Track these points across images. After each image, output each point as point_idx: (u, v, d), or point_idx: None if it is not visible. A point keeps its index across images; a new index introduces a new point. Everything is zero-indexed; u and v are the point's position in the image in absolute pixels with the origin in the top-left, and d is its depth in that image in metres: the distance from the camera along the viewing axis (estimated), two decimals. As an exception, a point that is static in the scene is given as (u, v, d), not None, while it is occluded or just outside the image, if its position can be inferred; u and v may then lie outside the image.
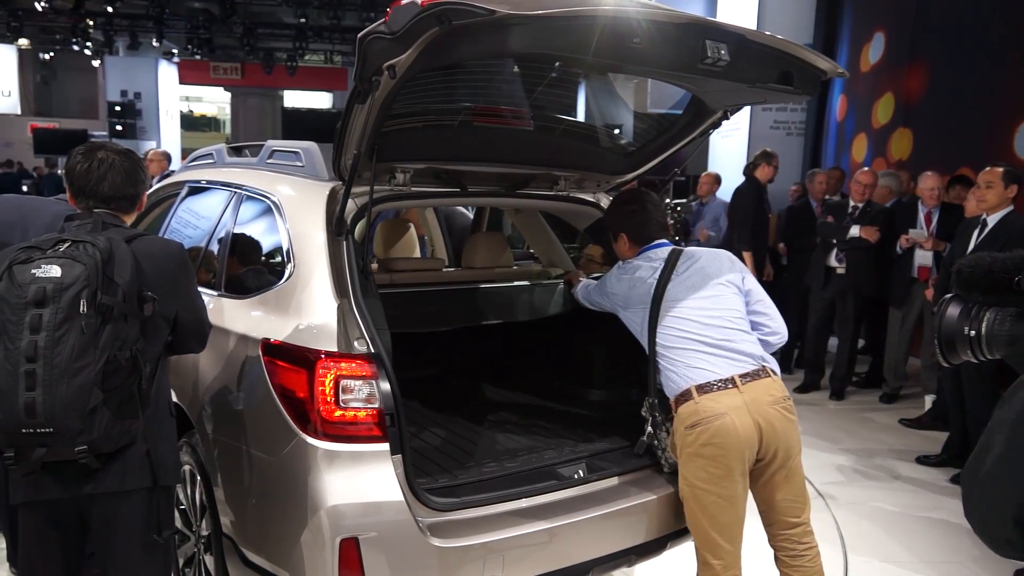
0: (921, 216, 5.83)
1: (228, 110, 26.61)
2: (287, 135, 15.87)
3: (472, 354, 4.03)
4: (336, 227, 2.51)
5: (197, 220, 3.47)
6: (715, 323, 2.55)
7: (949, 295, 1.31)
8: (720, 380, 2.46)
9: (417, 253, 4.38)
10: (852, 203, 6.13)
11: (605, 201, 3.36)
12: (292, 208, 2.70)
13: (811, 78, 2.51)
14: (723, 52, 2.22)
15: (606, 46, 2.07)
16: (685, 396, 2.49)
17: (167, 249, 2.20)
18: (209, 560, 2.74)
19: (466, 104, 2.81)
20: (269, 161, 3.07)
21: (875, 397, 6.35)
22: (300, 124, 20.81)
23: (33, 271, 1.92)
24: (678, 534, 2.69)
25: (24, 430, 1.89)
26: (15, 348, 1.88)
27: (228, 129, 26.67)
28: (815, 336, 6.39)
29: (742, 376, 2.47)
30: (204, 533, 2.77)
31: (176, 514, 2.95)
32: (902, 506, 4.32)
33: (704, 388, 2.46)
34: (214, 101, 28.32)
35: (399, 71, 2.08)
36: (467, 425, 3.23)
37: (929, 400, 5.79)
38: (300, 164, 2.86)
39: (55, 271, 1.92)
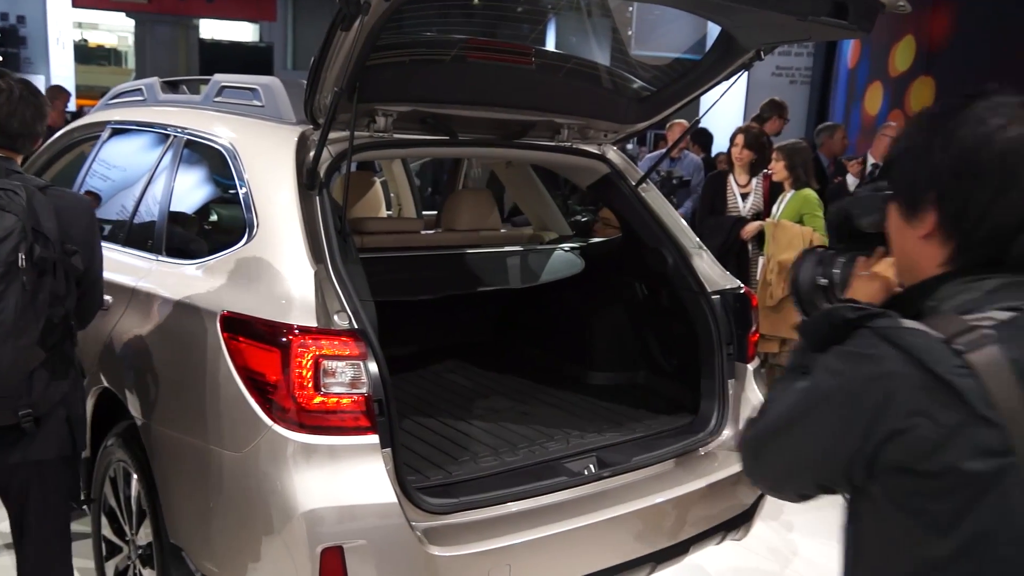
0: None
1: (131, 40, 25.75)
2: (204, 71, 15.45)
3: (455, 329, 4.00)
4: (308, 179, 2.45)
5: (124, 169, 3.38)
6: None
7: (809, 249, 1.42)
8: None
9: (384, 211, 4.31)
10: (872, 161, 6.20)
11: (612, 154, 3.33)
12: (252, 156, 2.62)
13: (868, 12, 2.50)
14: (779, -22, 2.18)
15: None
16: None
17: (80, 204, 2.35)
18: (148, 575, 2.67)
19: (460, 36, 2.74)
20: (217, 100, 2.99)
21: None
22: (220, 59, 20.26)
23: None
24: (702, 536, 2.70)
25: None
26: None
27: (131, 63, 25.82)
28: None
29: None
30: (142, 543, 2.71)
31: (104, 520, 2.90)
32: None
33: None
34: (114, 29, 27.33)
35: (395, -10, 2.00)
36: (455, 412, 3.21)
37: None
38: (259, 104, 2.78)
39: None
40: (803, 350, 1.18)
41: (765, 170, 5.16)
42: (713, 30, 2.93)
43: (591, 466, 2.65)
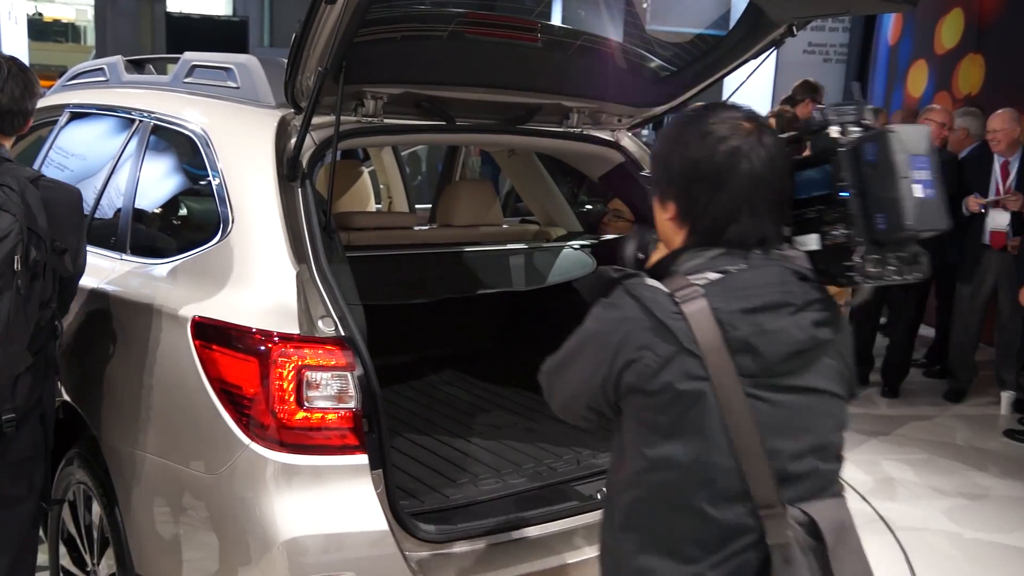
0: (996, 166, 5.94)
1: (91, 14, 25.82)
2: (172, 49, 15.42)
3: (453, 337, 4.00)
4: (289, 169, 2.45)
5: (84, 158, 3.40)
6: None
7: (635, 229, 1.81)
8: None
9: (372, 204, 4.32)
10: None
11: (626, 141, 3.33)
12: (226, 143, 2.63)
13: (915, -18, 2.50)
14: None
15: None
16: None
17: (70, 196, 2.47)
18: (112, 609, 2.68)
19: (458, 10, 2.75)
20: (187, 80, 3.00)
21: (938, 393, 6.48)
22: (189, 35, 20.22)
23: None
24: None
25: None
26: None
27: (91, 39, 25.89)
28: (863, 316, 6.49)
29: None
30: (104, 575, 2.71)
31: (62, 548, 2.91)
32: (984, 530, 4.43)
33: None
34: (72, 2, 27.42)
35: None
36: (453, 429, 3.22)
37: (1008, 399, 5.93)
38: (234, 85, 2.80)
39: None
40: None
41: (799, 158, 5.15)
42: (739, 3, 2.93)
43: (604, 489, 2.65)
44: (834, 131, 1.60)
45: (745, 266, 1.52)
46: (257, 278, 2.34)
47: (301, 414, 2.18)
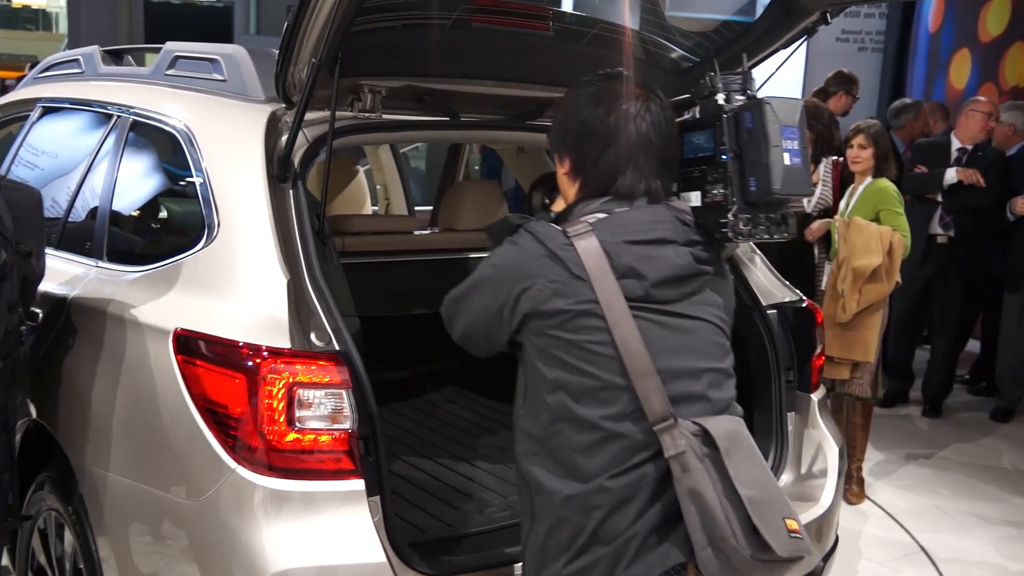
0: (1048, 165, 5.94)
1: (63, 0, 26.01)
2: (151, 38, 15.48)
3: (455, 350, 3.99)
4: (280, 169, 2.46)
5: (57, 156, 3.43)
6: None
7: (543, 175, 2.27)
8: None
9: (369, 207, 4.33)
10: (958, 144, 6.19)
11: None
12: (212, 141, 2.64)
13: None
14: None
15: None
16: None
17: (32, 198, 2.57)
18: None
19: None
20: (170, 72, 3.03)
21: (984, 412, 6.47)
22: (169, 23, 20.38)
23: None
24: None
25: None
26: None
27: (64, 27, 26.07)
28: (903, 328, 6.47)
29: None
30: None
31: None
32: (1032, 562, 4.42)
33: None
34: (42, -13, 27.61)
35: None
36: (456, 451, 3.23)
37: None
38: (220, 78, 2.81)
39: None
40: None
41: (836, 156, 5.13)
42: (768, -12, 2.93)
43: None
44: (720, 98, 1.87)
45: (629, 208, 1.87)
46: (244, 287, 2.35)
47: (292, 435, 2.17)
